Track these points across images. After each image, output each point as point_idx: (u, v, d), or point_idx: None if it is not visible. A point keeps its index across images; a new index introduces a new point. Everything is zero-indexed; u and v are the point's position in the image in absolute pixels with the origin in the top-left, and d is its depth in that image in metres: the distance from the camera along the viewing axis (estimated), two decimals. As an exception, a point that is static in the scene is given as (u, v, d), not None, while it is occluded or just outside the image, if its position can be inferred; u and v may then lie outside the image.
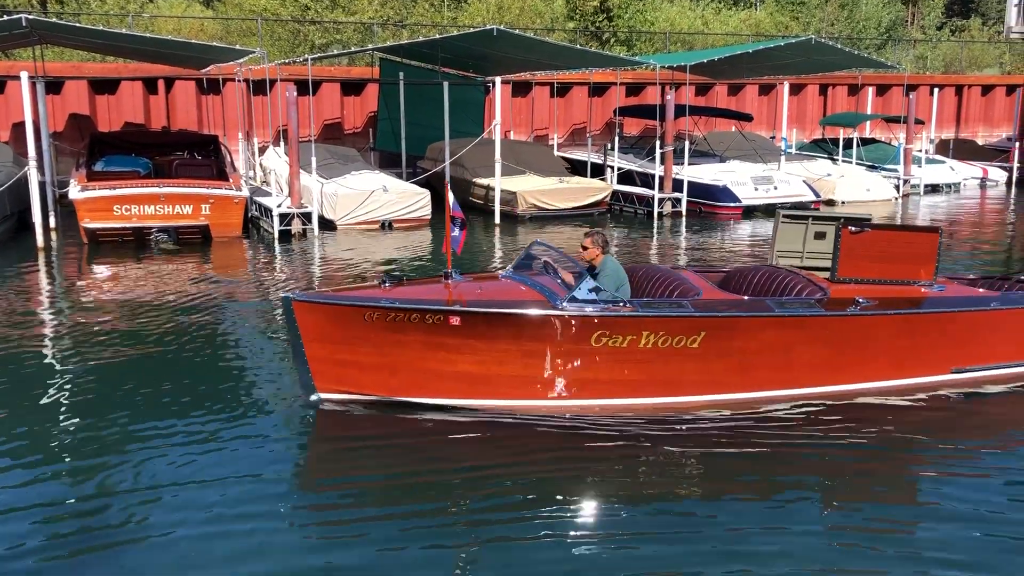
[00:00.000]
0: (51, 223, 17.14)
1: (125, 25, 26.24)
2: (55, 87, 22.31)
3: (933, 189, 25.82)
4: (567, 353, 7.77)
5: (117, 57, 23.62)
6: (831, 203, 22.19)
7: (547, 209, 19.97)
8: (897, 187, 24.21)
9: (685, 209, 20.65)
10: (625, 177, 22.45)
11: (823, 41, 23.17)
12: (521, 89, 27.00)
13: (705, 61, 22.25)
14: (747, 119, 24.51)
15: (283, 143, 20.58)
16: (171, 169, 18.08)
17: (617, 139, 23.95)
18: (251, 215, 18.57)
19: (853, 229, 8.61)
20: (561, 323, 7.66)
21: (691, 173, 20.86)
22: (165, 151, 19.79)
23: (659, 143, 21.14)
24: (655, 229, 19.36)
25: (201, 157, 19.82)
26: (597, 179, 22.12)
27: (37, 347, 10.25)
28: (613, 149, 23.17)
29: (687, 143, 21.02)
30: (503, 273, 8.58)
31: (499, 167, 19.04)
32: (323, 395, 8.00)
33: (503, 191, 19.37)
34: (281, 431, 7.74)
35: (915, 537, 6.14)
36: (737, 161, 22.76)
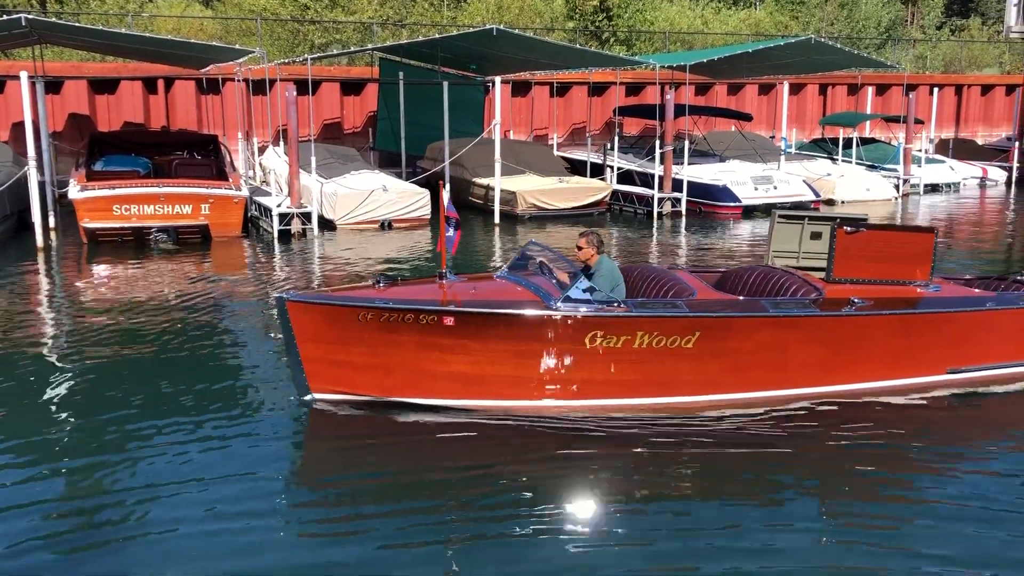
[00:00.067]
0: (51, 223, 17.15)
1: (124, 25, 26.27)
2: (55, 87, 22.33)
3: (933, 189, 25.80)
4: (561, 353, 7.77)
5: (117, 57, 23.65)
6: (831, 203, 22.19)
7: (547, 209, 19.97)
8: (897, 187, 24.20)
9: (685, 209, 20.64)
10: (625, 177, 22.44)
11: (823, 41, 23.17)
12: (521, 89, 26.99)
13: (705, 61, 22.25)
14: (747, 119, 24.51)
15: (283, 143, 20.59)
16: (171, 169, 18.06)
17: (617, 139, 23.95)
18: (251, 215, 18.57)
19: (848, 229, 8.60)
20: (555, 323, 7.66)
21: (691, 173, 20.85)
22: (165, 151, 19.78)
23: (659, 143, 21.14)
24: (655, 229, 19.36)
25: (201, 157, 19.80)
26: (597, 179, 22.13)
27: (36, 347, 10.26)
28: (613, 149, 23.17)
29: (687, 143, 21.01)
30: (498, 273, 8.57)
31: (499, 167, 19.05)
32: (317, 395, 8.01)
33: (503, 191, 19.38)
34: (277, 430, 7.74)
35: (911, 536, 6.14)
36: (737, 161, 22.75)
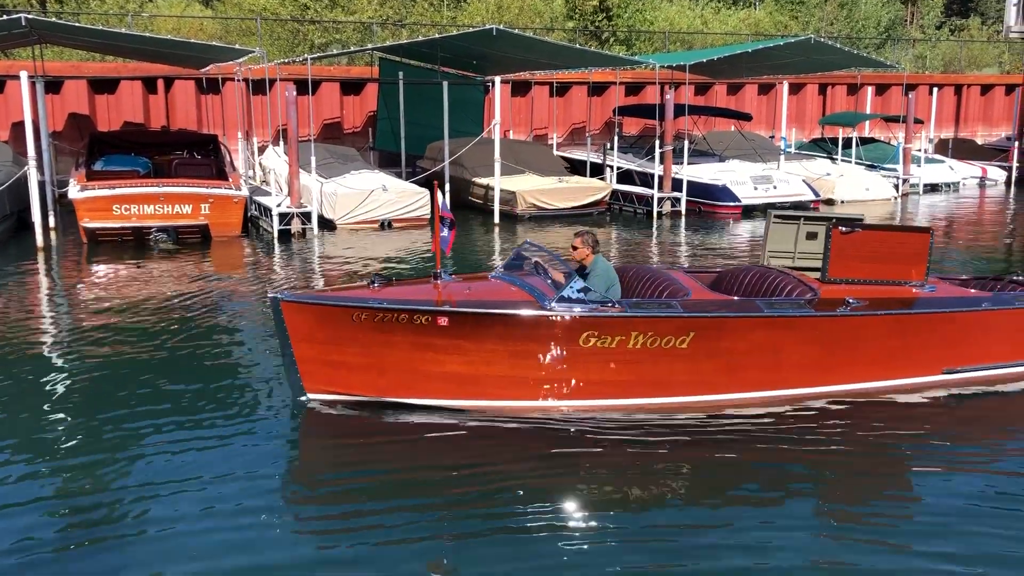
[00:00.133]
0: (50, 223, 17.17)
1: (124, 25, 26.30)
2: (54, 87, 22.35)
3: (932, 188, 25.79)
4: (556, 354, 7.77)
5: (116, 57, 23.68)
6: (830, 202, 22.18)
7: (546, 209, 19.98)
8: (896, 186, 24.18)
9: (684, 208, 20.64)
10: (624, 176, 22.44)
11: (822, 40, 23.18)
12: (520, 89, 27.00)
13: (704, 61, 22.24)
14: (746, 118, 24.50)
15: (282, 142, 20.60)
16: (170, 169, 18.07)
17: (616, 138, 23.95)
18: (250, 215, 18.58)
19: (844, 229, 8.60)
20: (549, 323, 7.66)
21: (690, 172, 20.85)
22: (164, 151, 19.80)
23: (658, 142, 21.15)
24: (654, 228, 19.37)
25: (200, 157, 19.81)
26: (596, 179, 22.14)
27: (36, 346, 10.28)
28: (612, 148, 23.17)
29: (686, 142, 21.02)
30: (492, 274, 8.58)
31: (498, 167, 19.06)
32: (312, 395, 8.03)
33: (502, 191, 19.38)
34: (275, 430, 7.77)
35: (905, 536, 6.14)
36: (736, 160, 22.74)
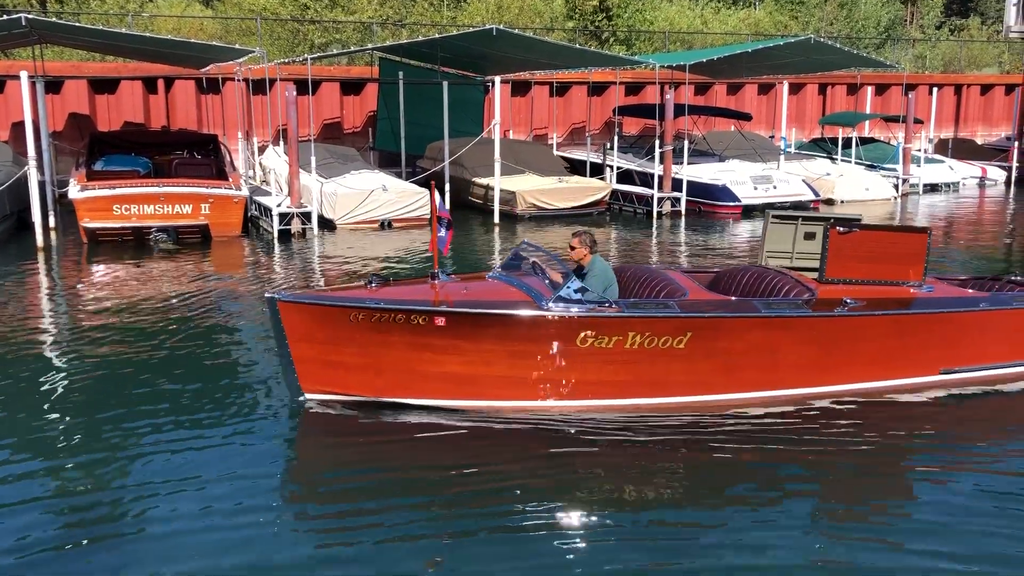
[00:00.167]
0: (51, 223, 17.18)
1: (124, 24, 26.31)
2: (55, 87, 22.37)
3: (932, 188, 25.78)
4: (553, 354, 7.78)
5: (117, 57, 23.69)
6: (830, 202, 22.19)
7: (546, 209, 19.98)
8: (896, 186, 24.18)
9: (684, 208, 20.64)
10: (624, 176, 22.45)
11: (822, 40, 23.19)
12: (520, 88, 27.01)
13: (704, 60, 22.25)
14: (746, 118, 24.51)
15: (283, 142, 20.62)
16: (171, 169, 18.10)
17: (616, 138, 23.96)
18: (251, 214, 18.60)
19: (841, 229, 8.60)
20: (547, 324, 7.67)
21: (690, 172, 20.85)
22: (165, 150, 19.82)
23: (658, 142, 21.15)
24: (654, 228, 19.37)
25: (201, 156, 19.84)
26: (596, 178, 22.15)
27: (36, 346, 10.30)
28: (612, 148, 23.17)
29: (686, 142, 21.03)
30: (490, 274, 8.58)
31: (498, 167, 19.07)
32: (309, 396, 8.03)
33: (502, 191, 19.39)
34: (273, 429, 7.79)
35: (902, 536, 6.16)
36: (736, 160, 22.74)
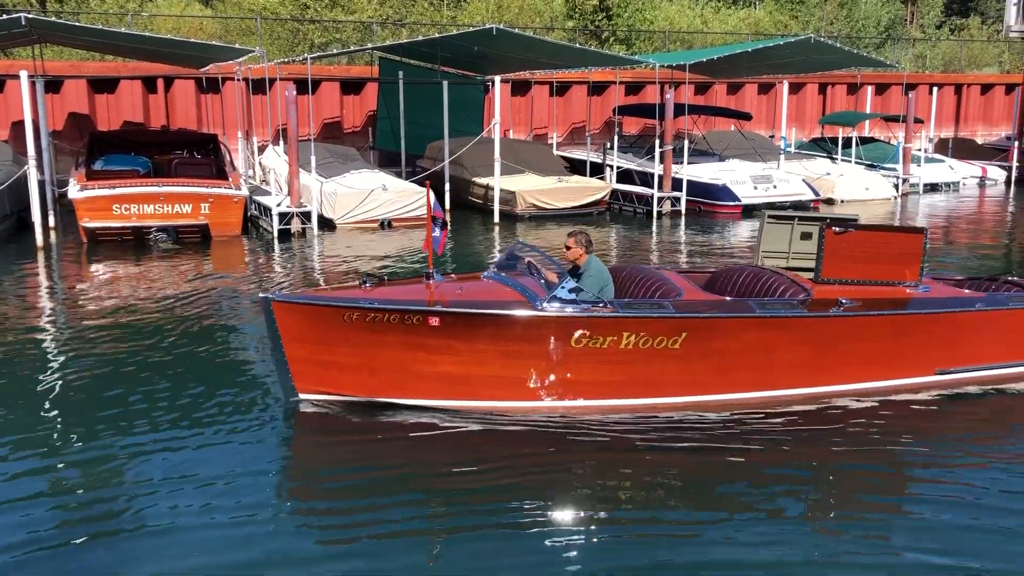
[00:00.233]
0: (50, 222, 17.21)
1: (124, 24, 26.32)
2: (54, 86, 22.39)
3: (932, 188, 25.77)
4: (547, 354, 7.78)
5: (116, 56, 23.71)
6: (830, 202, 22.18)
7: (546, 208, 19.98)
8: (896, 186, 24.17)
9: (684, 208, 20.63)
10: (624, 176, 22.45)
11: (822, 40, 23.17)
12: (520, 88, 27.01)
13: (704, 60, 22.23)
14: (746, 118, 24.50)
15: (282, 142, 20.63)
16: (170, 168, 18.10)
17: (616, 138, 23.96)
18: (250, 214, 18.61)
19: (837, 230, 8.58)
20: (541, 324, 7.66)
21: (690, 172, 20.85)
22: (164, 150, 19.84)
23: (658, 142, 21.15)
24: (654, 228, 19.37)
25: (200, 156, 19.85)
26: (596, 178, 22.15)
27: (35, 346, 10.31)
28: (612, 148, 23.18)
29: (686, 142, 21.02)
30: (484, 274, 8.57)
31: (498, 166, 19.08)
32: (303, 396, 8.04)
33: (502, 190, 19.40)
34: (271, 428, 7.79)
35: (899, 536, 6.17)
36: (736, 160, 22.73)
